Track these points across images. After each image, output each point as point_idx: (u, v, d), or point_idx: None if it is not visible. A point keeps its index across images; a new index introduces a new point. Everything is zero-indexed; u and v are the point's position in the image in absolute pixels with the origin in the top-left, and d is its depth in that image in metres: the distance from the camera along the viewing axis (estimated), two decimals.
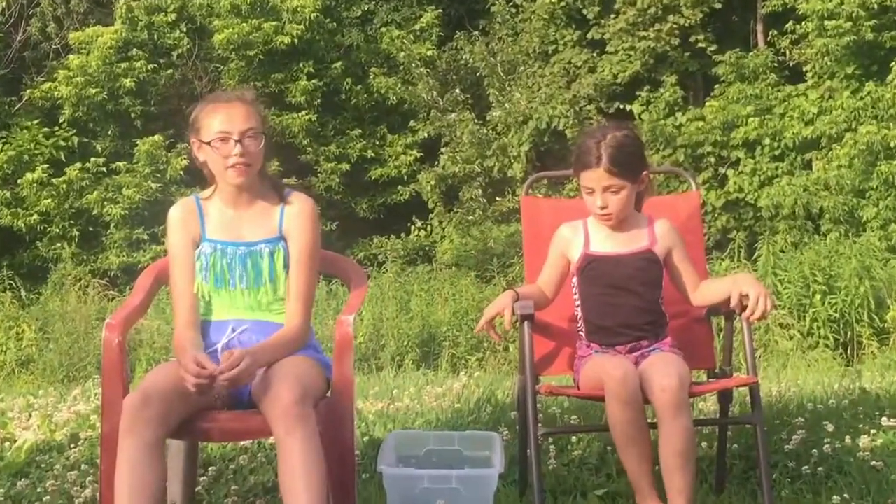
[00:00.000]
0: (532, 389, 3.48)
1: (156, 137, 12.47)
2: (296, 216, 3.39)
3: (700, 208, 4.13)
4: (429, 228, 13.14)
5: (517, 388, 3.89)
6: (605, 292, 3.59)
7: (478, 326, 3.62)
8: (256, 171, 3.35)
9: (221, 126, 3.28)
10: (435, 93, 13.30)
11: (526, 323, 3.54)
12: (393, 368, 8.59)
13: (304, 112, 13.20)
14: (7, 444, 4.77)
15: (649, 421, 3.38)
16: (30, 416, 5.58)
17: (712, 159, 12.50)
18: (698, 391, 3.52)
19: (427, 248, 12.95)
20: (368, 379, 7.35)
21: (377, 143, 13.79)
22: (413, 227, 13.13)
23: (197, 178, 3.50)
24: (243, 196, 3.38)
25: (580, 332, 3.66)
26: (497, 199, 12.76)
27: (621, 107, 12.86)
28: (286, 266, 3.36)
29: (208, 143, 3.29)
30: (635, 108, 12.75)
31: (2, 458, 4.54)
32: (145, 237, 12.39)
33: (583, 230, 3.68)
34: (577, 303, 3.66)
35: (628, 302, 3.56)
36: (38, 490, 4.06)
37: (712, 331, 3.94)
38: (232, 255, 3.36)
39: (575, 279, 3.66)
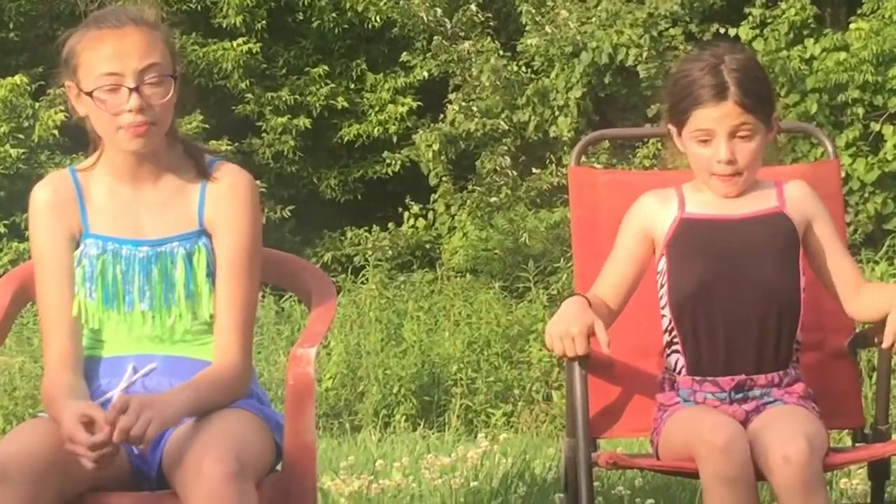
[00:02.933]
0: (587, 459, 3.49)
1: (17, 78, 12.50)
2: (224, 199, 3.36)
3: (841, 184, 4.13)
4: (431, 216, 13.16)
5: (564, 458, 3.90)
6: (713, 275, 3.57)
7: (561, 347, 3.47)
8: (163, 132, 3.33)
9: (109, 66, 3.23)
10: (440, 10, 13.32)
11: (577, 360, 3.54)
12: (377, 428, 8.61)
13: (241, 40, 13.25)
14: None
15: None
16: None
17: (860, 110, 12.49)
18: (839, 461, 3.52)
19: (428, 247, 12.98)
20: (340, 444, 7.37)
21: (352, 86, 13.82)
22: (407, 215, 13.16)
23: (80, 140, 3.46)
24: (144, 168, 3.34)
25: (671, 371, 3.65)
26: (534, 170, 12.79)
27: (721, 30, 12.86)
28: (211, 274, 3.35)
29: (90, 94, 3.26)
30: (743, 32, 12.74)
31: None
32: (1, 230, 12.41)
33: (676, 197, 3.66)
34: (664, 301, 3.64)
35: (752, 298, 3.57)
36: None
37: (859, 372, 3.95)
38: (129, 259, 3.34)
39: (663, 262, 3.62)
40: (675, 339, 3.62)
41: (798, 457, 3.24)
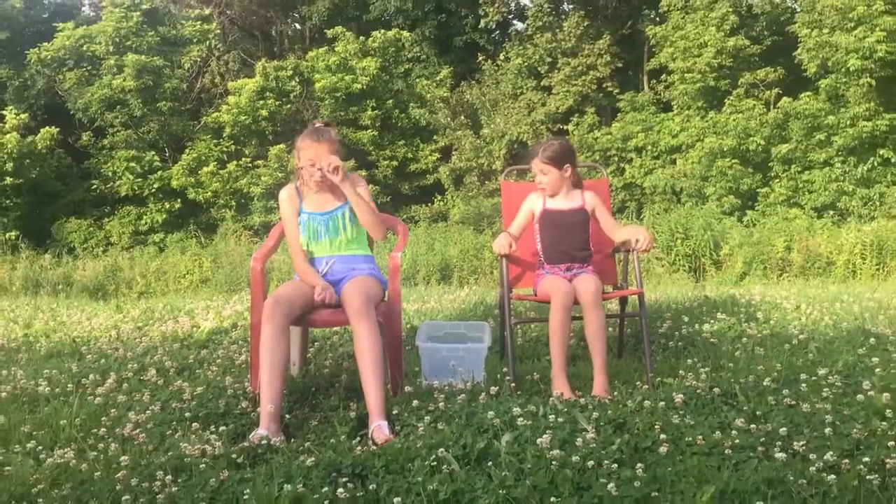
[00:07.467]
0: (507, 297, 3.48)
1: (280, 146, 12.37)
2: (356, 185, 3.28)
3: (609, 188, 4.10)
4: (445, 201, 13.06)
5: (499, 296, 3.89)
6: (555, 233, 3.56)
7: (499, 250, 3.44)
8: (329, 182, 3.23)
9: (310, 156, 3.19)
10: (448, 118, 13.16)
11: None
12: (424, 285, 8.59)
13: (369, 130, 13.08)
14: (195, 329, 4.81)
15: (575, 316, 3.37)
16: (208, 312, 5.61)
17: (616, 158, 12.41)
18: (607, 297, 3.51)
19: (444, 213, 12.89)
20: (410, 291, 7.36)
21: (414, 149, 13.66)
22: (436, 200, 13.04)
23: (296, 173, 3.41)
24: (323, 187, 3.27)
25: (540, 260, 3.65)
26: (486, 182, 12.67)
27: (562, 127, 12.75)
28: (352, 220, 3.28)
29: (301, 167, 3.22)
30: (570, 127, 12.64)
31: (192, 337, 4.58)
32: (275, 205, 12.29)
33: (542, 196, 3.65)
34: (538, 241, 3.64)
35: (569, 240, 3.54)
36: (214, 356, 4.10)
37: (615, 261, 3.93)
38: (320, 221, 3.28)
39: (537, 225, 3.63)
40: (541, 257, 3.61)
41: (592, 291, 3.26)
